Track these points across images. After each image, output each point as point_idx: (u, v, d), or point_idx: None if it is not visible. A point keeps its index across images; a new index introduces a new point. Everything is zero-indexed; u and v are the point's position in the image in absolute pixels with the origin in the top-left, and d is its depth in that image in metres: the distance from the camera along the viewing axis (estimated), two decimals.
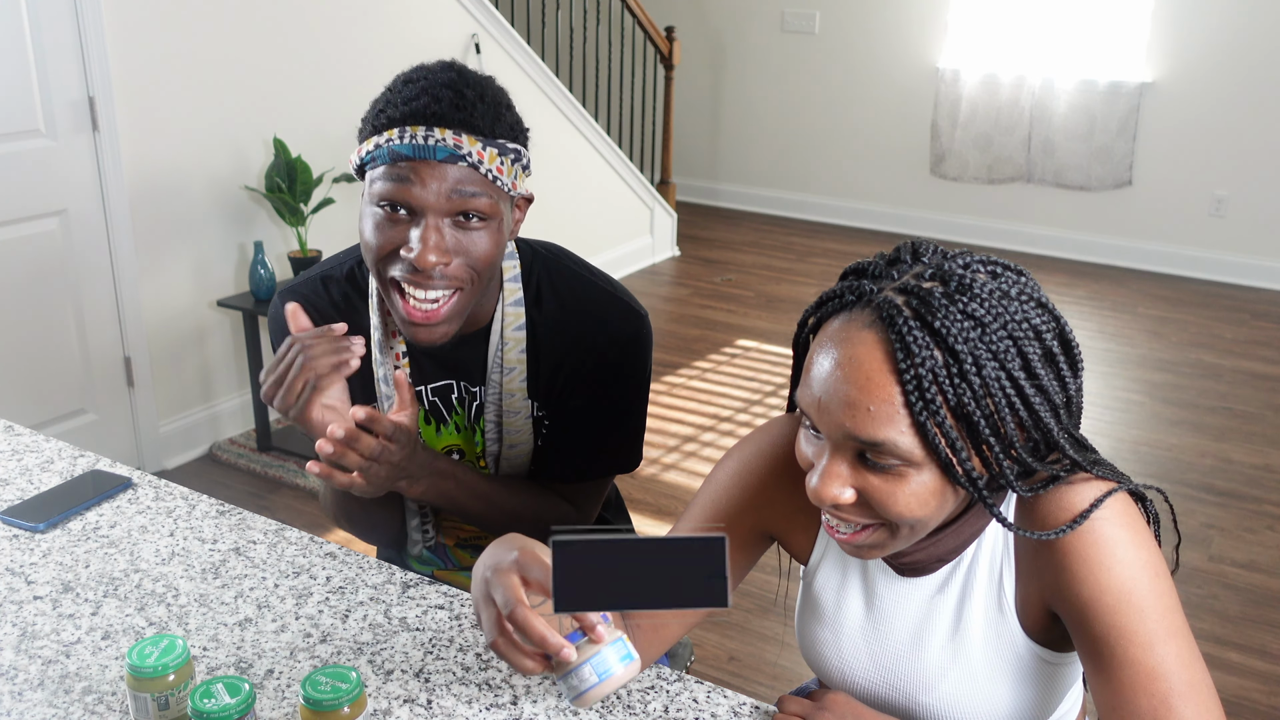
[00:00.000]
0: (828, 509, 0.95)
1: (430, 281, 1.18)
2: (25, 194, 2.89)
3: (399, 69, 1.31)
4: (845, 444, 0.92)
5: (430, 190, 1.16)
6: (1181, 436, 3.73)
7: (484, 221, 1.19)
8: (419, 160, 1.15)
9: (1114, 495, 0.96)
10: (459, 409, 1.39)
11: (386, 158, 1.17)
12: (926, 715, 1.07)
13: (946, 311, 0.89)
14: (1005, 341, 0.90)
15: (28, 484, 1.51)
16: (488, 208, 1.18)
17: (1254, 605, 2.73)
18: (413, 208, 1.17)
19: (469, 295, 1.22)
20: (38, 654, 1.16)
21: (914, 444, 0.89)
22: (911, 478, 0.91)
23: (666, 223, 5.68)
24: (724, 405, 3.90)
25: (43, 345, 3.00)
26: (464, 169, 1.16)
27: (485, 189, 1.18)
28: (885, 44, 6.06)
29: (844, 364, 0.90)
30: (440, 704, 1.10)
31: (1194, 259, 5.53)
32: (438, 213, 1.17)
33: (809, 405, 0.93)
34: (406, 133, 1.16)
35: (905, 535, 0.95)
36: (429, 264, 1.16)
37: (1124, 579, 0.93)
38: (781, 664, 2.47)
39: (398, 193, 1.16)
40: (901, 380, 0.88)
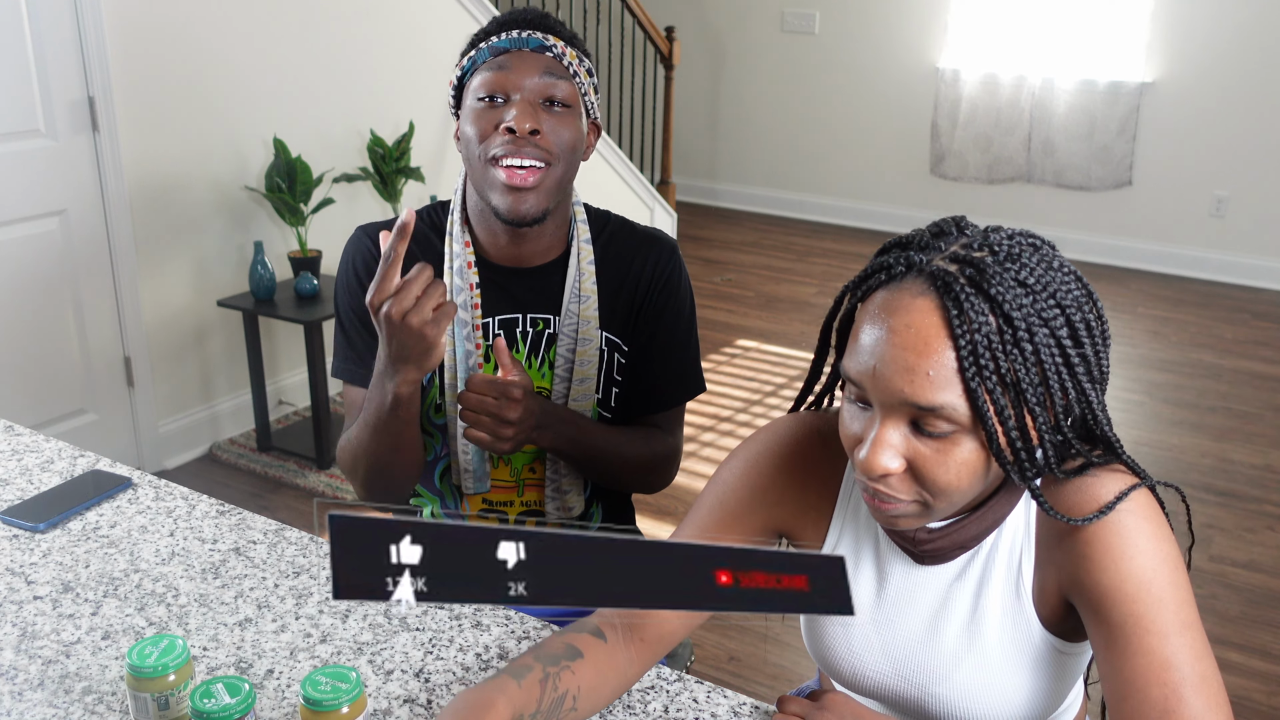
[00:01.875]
0: (874, 482, 0.95)
1: (525, 148, 1.32)
2: (25, 194, 2.89)
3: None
4: (899, 411, 0.92)
5: (523, 73, 1.35)
6: (1181, 436, 3.73)
7: (567, 109, 1.37)
8: (514, 50, 1.36)
9: (1138, 489, 0.97)
10: (521, 344, 1.45)
11: (487, 54, 1.36)
12: (939, 707, 1.07)
13: (1000, 279, 0.90)
14: (1054, 309, 0.92)
15: (28, 484, 1.51)
16: (570, 95, 1.37)
17: (1254, 605, 2.73)
18: (509, 92, 1.34)
19: (557, 173, 1.36)
20: (38, 654, 1.16)
21: (967, 410, 0.90)
22: (961, 445, 0.92)
23: (666, 223, 5.68)
24: (724, 405, 3.90)
25: (43, 345, 3.00)
26: (551, 60, 1.36)
27: (568, 81, 1.37)
28: (885, 44, 6.06)
29: (900, 330, 0.91)
30: (440, 704, 1.10)
31: (1194, 259, 5.53)
32: (530, 92, 1.34)
33: (861, 375, 0.94)
34: (504, 32, 1.37)
35: (941, 509, 0.96)
36: (524, 128, 1.31)
37: (1145, 569, 0.94)
38: (781, 664, 2.47)
39: (497, 80, 1.35)
40: (957, 345, 0.89)
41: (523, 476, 1.49)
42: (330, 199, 3.44)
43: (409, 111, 3.86)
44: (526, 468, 1.49)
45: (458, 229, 1.44)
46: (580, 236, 1.46)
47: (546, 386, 1.46)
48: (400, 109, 3.84)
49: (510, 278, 1.44)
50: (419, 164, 3.81)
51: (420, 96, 3.92)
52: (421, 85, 3.93)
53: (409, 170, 3.62)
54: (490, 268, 1.45)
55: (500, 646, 1.19)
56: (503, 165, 1.33)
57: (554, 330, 1.45)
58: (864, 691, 1.12)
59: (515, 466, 1.49)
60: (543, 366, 1.46)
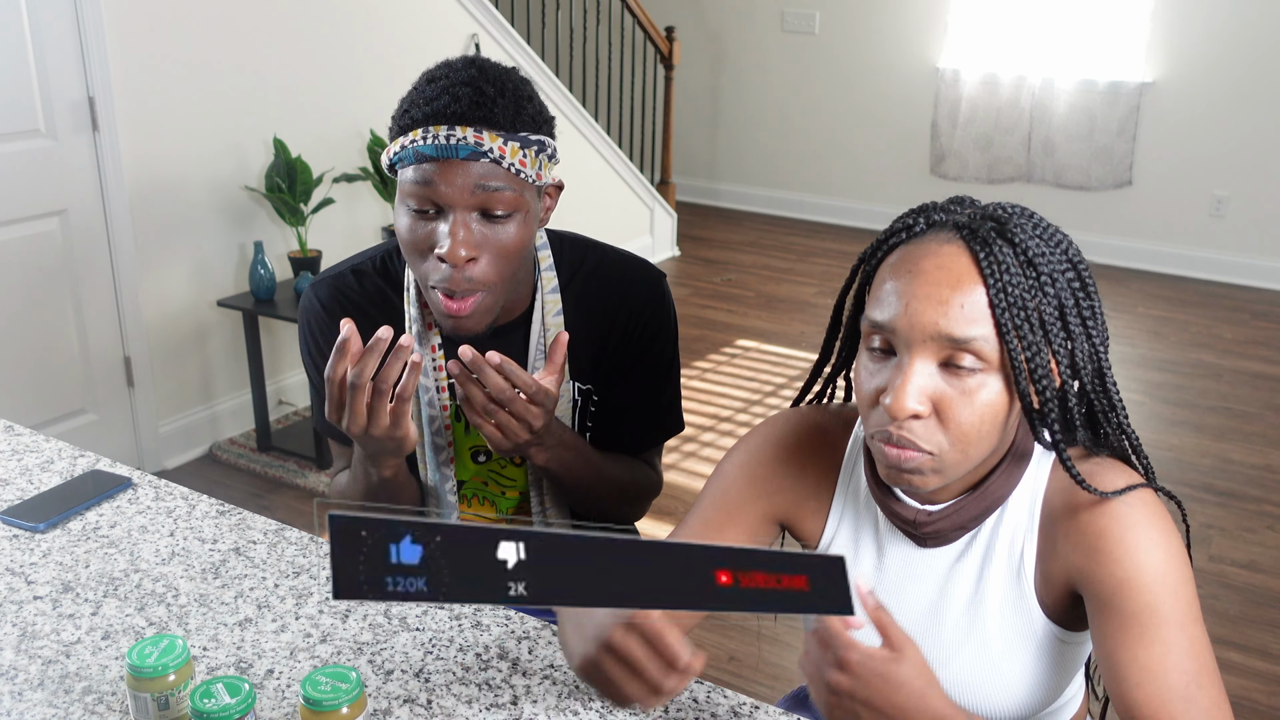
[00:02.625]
0: (897, 427, 0.95)
1: (461, 279, 1.22)
2: (25, 194, 2.89)
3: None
4: (928, 349, 0.94)
5: (455, 187, 1.20)
6: (1181, 436, 3.73)
7: (510, 215, 1.23)
8: (442, 160, 1.20)
9: (1145, 488, 1.00)
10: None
11: (412, 158, 1.21)
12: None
13: (1021, 229, 0.97)
14: (1065, 263, 0.98)
15: (28, 484, 1.51)
16: (512, 201, 1.22)
17: (1254, 605, 2.73)
18: (439, 205, 1.21)
19: (500, 292, 1.27)
20: (38, 654, 1.16)
21: (997, 347, 0.94)
22: (987, 386, 0.94)
23: (666, 223, 5.68)
24: (724, 405, 3.90)
25: (43, 345, 3.00)
26: (486, 165, 1.20)
27: (509, 183, 1.22)
28: (885, 44, 6.06)
29: (931, 271, 0.95)
30: (440, 704, 1.10)
31: (1194, 259, 5.53)
32: (464, 208, 1.21)
33: (892, 318, 0.95)
34: (430, 133, 1.20)
35: (956, 462, 0.97)
36: (459, 259, 1.20)
37: (1159, 560, 0.96)
38: (781, 664, 2.47)
39: (424, 192, 1.21)
40: (988, 284, 0.93)
41: (509, 514, 1.48)
42: (330, 199, 3.44)
43: None
44: (510, 510, 1.48)
45: (413, 292, 1.37)
46: (545, 289, 1.37)
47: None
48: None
49: (476, 341, 1.35)
50: None
51: None
52: None
53: None
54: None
55: (500, 646, 1.19)
56: (440, 293, 1.24)
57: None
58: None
59: (500, 509, 1.48)
60: None
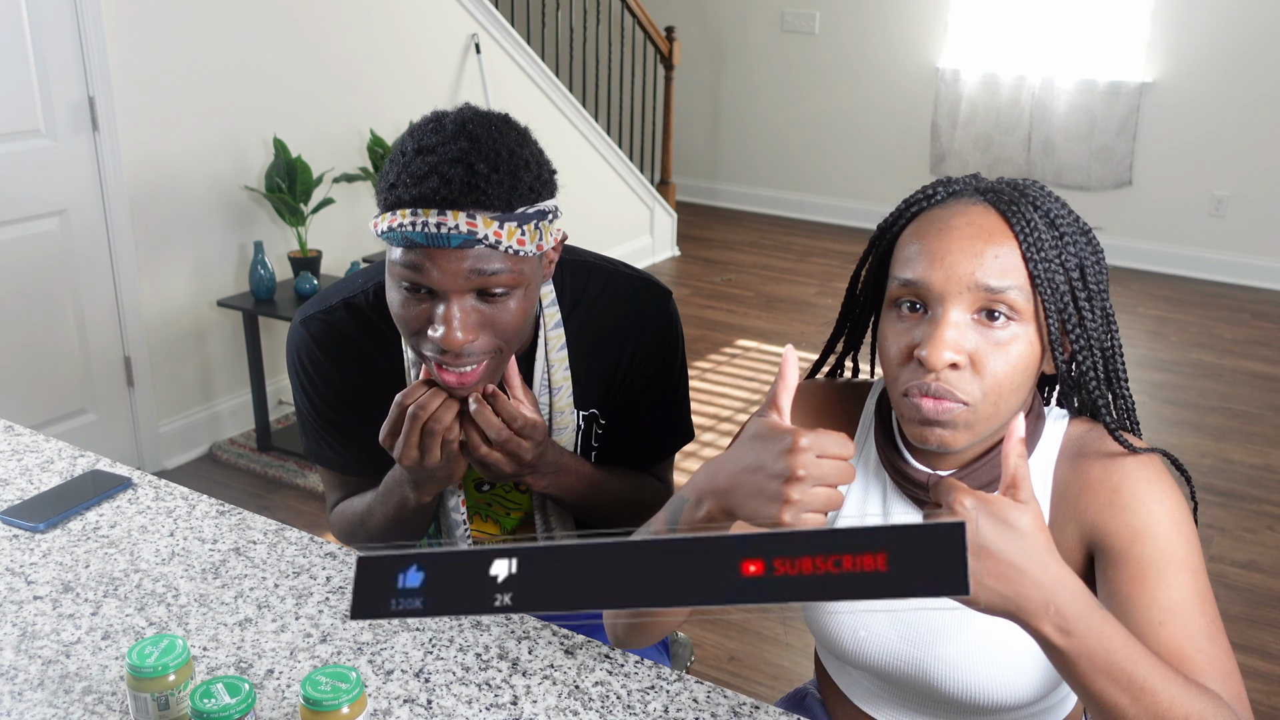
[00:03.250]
0: (934, 378, 0.96)
1: (460, 360, 1.16)
2: (25, 194, 2.89)
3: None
4: (963, 300, 0.97)
5: (448, 275, 1.12)
6: (1181, 436, 3.73)
7: (509, 293, 1.16)
8: (434, 248, 1.11)
9: (1156, 451, 1.05)
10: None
11: (401, 242, 1.13)
12: (943, 669, 1.07)
13: (1040, 196, 1.01)
14: (1080, 234, 1.02)
15: (28, 484, 1.51)
16: (509, 281, 1.15)
17: (1254, 605, 2.73)
18: (434, 287, 1.13)
19: (502, 359, 1.21)
20: (38, 654, 1.16)
21: (1030, 297, 0.97)
22: (1020, 339, 0.98)
23: (666, 223, 5.68)
24: (724, 405, 3.90)
25: (43, 345, 3.00)
26: (481, 251, 1.12)
27: (506, 264, 1.14)
28: (885, 44, 6.06)
29: (961, 228, 0.98)
30: (440, 704, 1.10)
31: (1194, 259, 5.53)
32: (459, 293, 1.13)
33: (924, 273, 0.98)
34: (419, 217, 1.11)
35: (986, 415, 0.98)
36: (456, 343, 1.13)
37: (1175, 510, 1.00)
38: (781, 664, 2.47)
39: (415, 277, 1.13)
40: (1019, 238, 0.97)
41: (514, 532, 1.47)
42: (330, 199, 3.44)
43: (409, 111, 3.86)
44: (515, 528, 1.47)
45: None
46: (548, 325, 1.32)
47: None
48: (400, 109, 3.84)
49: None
50: None
51: (420, 96, 3.92)
52: (422, 85, 3.93)
53: None
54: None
55: (500, 646, 1.19)
56: (438, 366, 1.18)
57: None
58: (865, 658, 1.12)
59: (505, 527, 1.47)
60: None
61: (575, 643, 1.20)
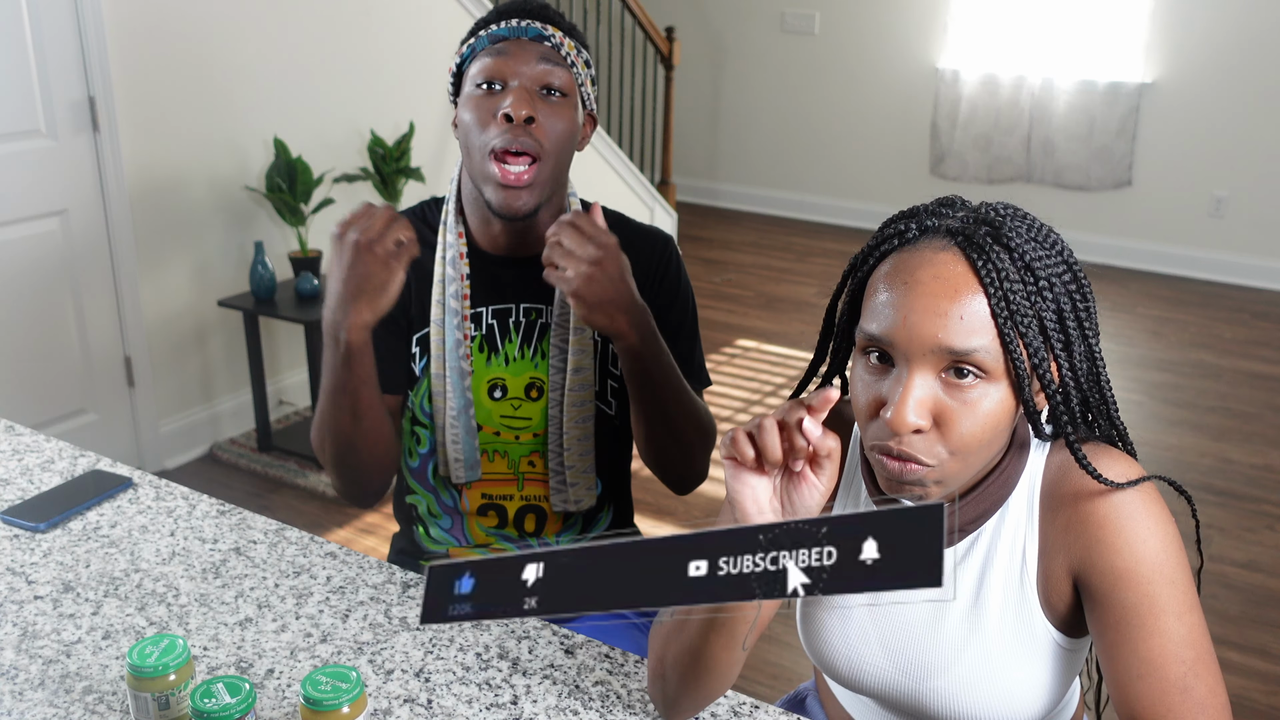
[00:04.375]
0: (897, 441, 0.94)
1: (521, 137, 1.33)
2: (25, 194, 2.89)
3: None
4: (928, 361, 0.92)
5: (521, 61, 1.36)
6: (1181, 436, 3.73)
7: (563, 98, 1.38)
8: (513, 39, 1.37)
9: (1146, 480, 1.00)
10: (514, 334, 1.46)
11: (486, 41, 1.38)
12: (939, 701, 1.06)
13: (1016, 232, 0.95)
14: (1061, 265, 0.96)
15: (28, 484, 1.51)
16: (567, 84, 1.38)
17: (1254, 605, 2.73)
18: (506, 78, 1.36)
19: (550, 165, 1.37)
20: (38, 654, 1.16)
21: (999, 355, 0.92)
22: (989, 395, 0.93)
23: (666, 223, 5.67)
24: (724, 405, 3.90)
25: (43, 345, 3.01)
26: (548, 49, 1.38)
27: (565, 68, 1.38)
28: (885, 44, 6.07)
29: (927, 282, 0.93)
30: (440, 704, 1.10)
31: (1194, 259, 5.53)
32: (527, 79, 1.36)
33: (888, 330, 0.93)
34: (503, 21, 1.39)
35: (956, 473, 0.96)
36: (520, 115, 1.32)
37: (1157, 550, 0.96)
38: (781, 664, 2.47)
39: (495, 66, 1.36)
40: (988, 291, 0.92)
41: (522, 470, 1.49)
42: (331, 199, 3.44)
43: (409, 111, 3.86)
44: (525, 460, 1.48)
45: (451, 219, 1.46)
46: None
47: (541, 376, 1.46)
48: (400, 109, 3.84)
49: (503, 267, 1.46)
50: (419, 164, 3.81)
51: (420, 96, 3.92)
52: (422, 85, 3.93)
53: (409, 170, 3.63)
54: (484, 257, 1.46)
55: (500, 646, 1.19)
56: (498, 161, 1.34)
57: (546, 320, 1.46)
58: (861, 687, 1.12)
59: (513, 458, 1.48)
60: (536, 356, 1.46)
61: (575, 643, 1.20)
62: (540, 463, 1.49)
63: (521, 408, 1.47)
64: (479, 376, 1.47)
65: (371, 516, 3.08)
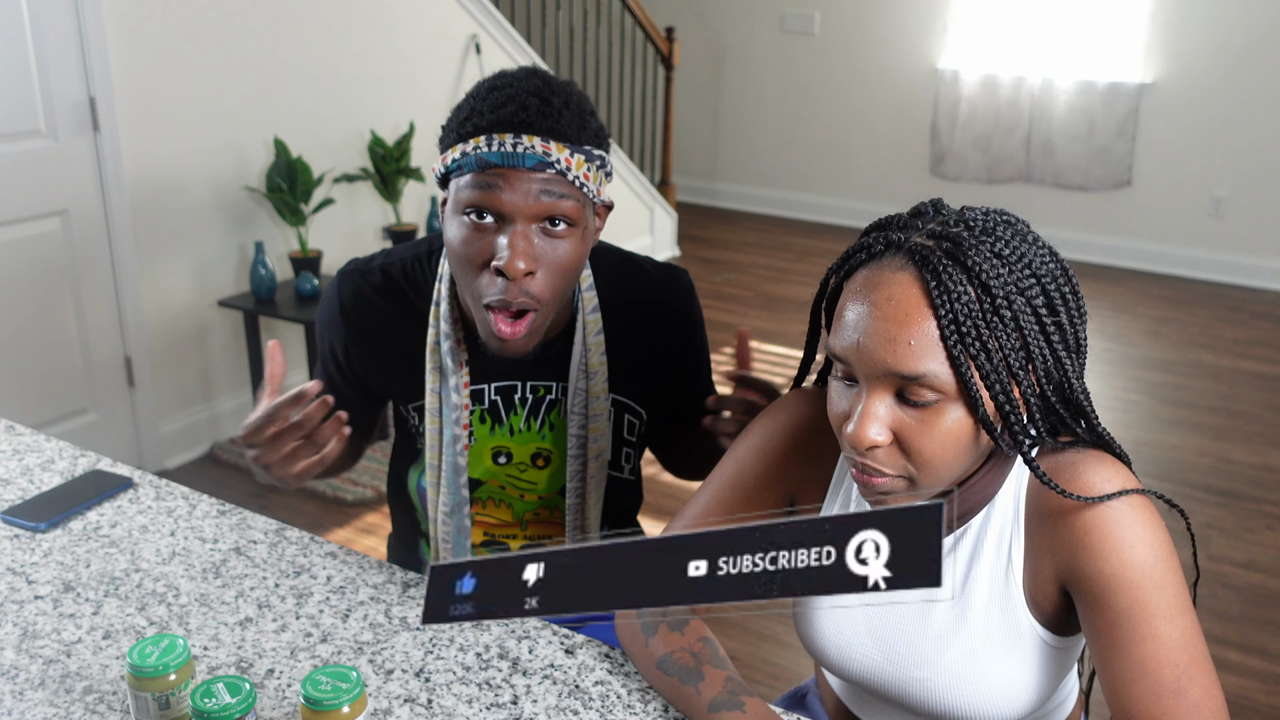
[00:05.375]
0: (861, 455, 0.96)
1: (518, 292, 1.19)
2: (26, 194, 2.89)
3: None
4: (884, 382, 0.94)
5: (519, 195, 1.16)
6: (1181, 436, 3.73)
7: (570, 228, 1.20)
8: (508, 168, 1.16)
9: (1136, 493, 0.99)
10: (520, 409, 1.40)
11: (474, 165, 1.17)
12: (924, 691, 1.07)
13: (977, 250, 0.93)
14: (1030, 280, 0.95)
15: (29, 484, 1.51)
16: (574, 212, 1.19)
17: (1254, 605, 2.73)
18: (501, 214, 1.17)
19: (550, 312, 1.24)
20: (39, 653, 1.16)
21: (950, 377, 0.93)
22: (946, 414, 0.94)
23: (666, 223, 5.68)
24: None
25: (43, 345, 3.01)
26: (551, 175, 1.17)
27: (572, 194, 1.19)
28: (885, 44, 6.07)
29: (881, 304, 0.94)
30: (440, 704, 1.10)
31: (1194, 259, 5.53)
32: (526, 218, 1.18)
33: (846, 350, 0.96)
34: (494, 140, 1.16)
35: (927, 484, 0.97)
36: (518, 271, 1.16)
37: (1146, 556, 0.96)
38: (781, 664, 2.47)
39: (486, 200, 1.17)
40: (938, 315, 0.92)
41: (525, 518, 1.47)
42: (331, 199, 3.45)
43: (409, 111, 3.86)
44: (530, 512, 1.47)
45: (445, 307, 1.33)
46: (586, 308, 1.35)
47: (549, 447, 1.41)
48: (400, 109, 3.85)
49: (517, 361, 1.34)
50: (419, 164, 3.81)
51: (420, 96, 3.92)
52: (422, 85, 3.93)
53: (409, 170, 3.63)
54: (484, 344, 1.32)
55: (500, 646, 1.19)
56: (493, 311, 1.21)
57: (555, 396, 1.39)
58: (850, 674, 1.12)
59: (517, 512, 1.47)
60: (543, 429, 1.40)
61: (575, 642, 1.20)
62: (544, 512, 1.47)
63: (527, 472, 1.44)
64: (481, 444, 1.40)
65: (371, 516, 3.09)
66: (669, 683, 1.07)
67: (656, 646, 1.10)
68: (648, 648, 1.11)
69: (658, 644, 1.10)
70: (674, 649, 1.08)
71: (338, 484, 3.21)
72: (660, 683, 1.09)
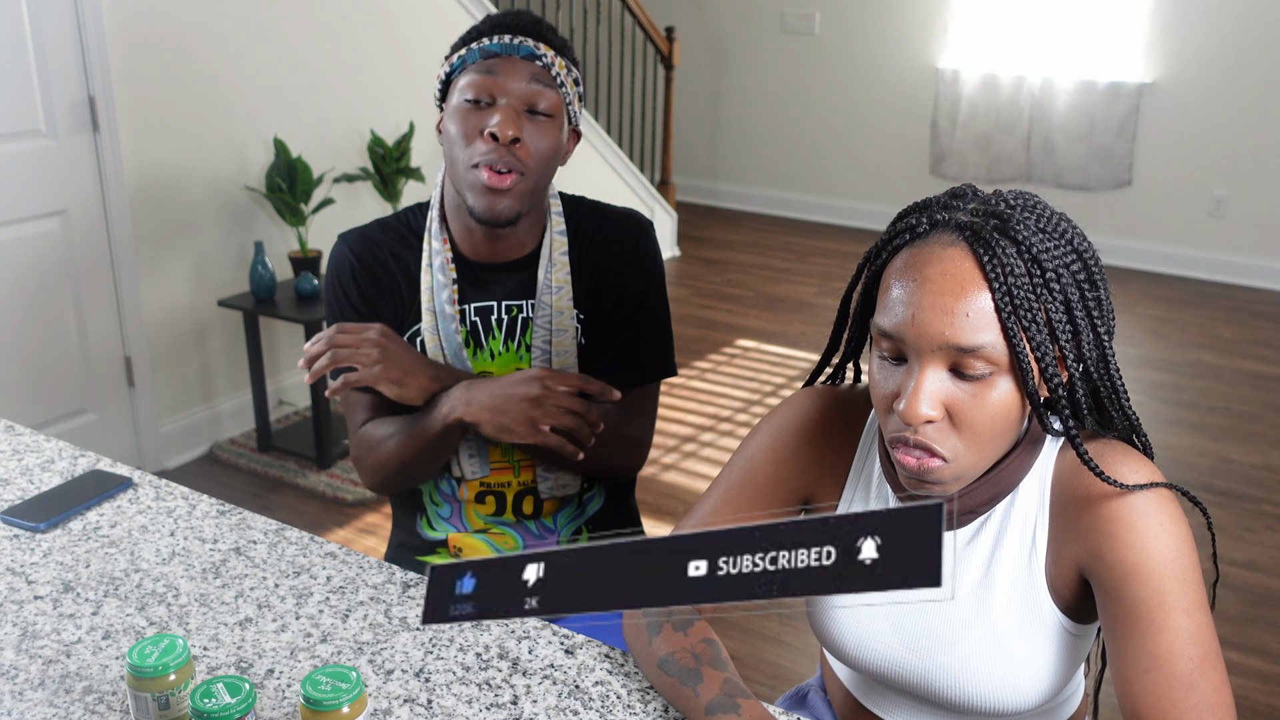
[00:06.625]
0: (913, 431, 0.97)
1: (505, 157, 1.37)
2: (26, 194, 2.89)
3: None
4: (938, 356, 0.95)
5: (512, 80, 1.39)
6: (1181, 436, 3.73)
7: (549, 119, 1.41)
8: (504, 56, 1.40)
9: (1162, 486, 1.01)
10: (496, 331, 1.50)
11: (476, 55, 1.40)
12: (945, 678, 1.08)
13: (1025, 225, 0.96)
14: (1072, 255, 0.98)
15: (28, 484, 1.51)
16: (554, 104, 1.41)
17: (1254, 605, 2.73)
18: (495, 95, 1.39)
19: (531, 181, 1.41)
20: (38, 654, 1.16)
21: (1004, 349, 0.94)
22: (997, 386, 0.96)
23: (667, 223, 5.68)
24: (724, 405, 3.90)
25: (43, 345, 3.01)
26: (539, 68, 1.40)
27: (554, 89, 1.41)
28: (885, 44, 6.07)
29: (936, 278, 0.95)
30: (440, 704, 1.10)
31: (1194, 259, 5.53)
32: (517, 98, 1.39)
33: (898, 326, 0.96)
34: (496, 35, 1.41)
35: (972, 463, 0.98)
36: (506, 135, 1.36)
37: (1169, 547, 0.98)
38: (781, 664, 2.47)
39: (484, 83, 1.39)
40: (992, 287, 0.94)
41: (516, 458, 1.53)
42: (331, 199, 3.44)
43: (409, 111, 3.86)
44: (518, 449, 1.52)
45: (436, 227, 1.50)
46: (554, 229, 1.51)
47: (526, 368, 1.49)
48: (400, 109, 3.85)
49: (485, 271, 1.51)
50: (419, 164, 3.81)
51: (420, 96, 3.92)
52: (422, 85, 3.93)
53: (409, 170, 3.63)
54: (466, 262, 1.50)
55: (500, 646, 1.19)
56: (483, 169, 1.38)
57: (527, 315, 1.51)
58: (869, 665, 1.12)
59: (506, 446, 1.52)
60: (520, 349, 1.51)
61: (575, 643, 1.20)
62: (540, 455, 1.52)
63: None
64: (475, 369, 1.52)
65: (371, 516, 3.09)
66: (669, 683, 1.07)
67: (659, 646, 1.10)
68: (651, 647, 1.11)
69: (661, 644, 1.10)
70: (676, 649, 1.08)
71: (339, 484, 3.21)
72: (661, 683, 1.09)
